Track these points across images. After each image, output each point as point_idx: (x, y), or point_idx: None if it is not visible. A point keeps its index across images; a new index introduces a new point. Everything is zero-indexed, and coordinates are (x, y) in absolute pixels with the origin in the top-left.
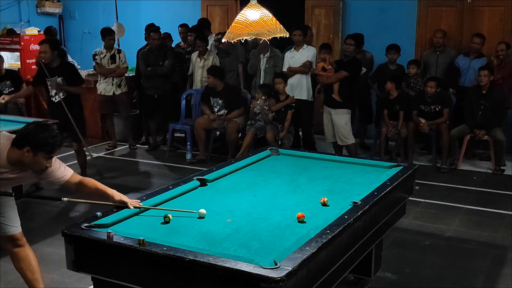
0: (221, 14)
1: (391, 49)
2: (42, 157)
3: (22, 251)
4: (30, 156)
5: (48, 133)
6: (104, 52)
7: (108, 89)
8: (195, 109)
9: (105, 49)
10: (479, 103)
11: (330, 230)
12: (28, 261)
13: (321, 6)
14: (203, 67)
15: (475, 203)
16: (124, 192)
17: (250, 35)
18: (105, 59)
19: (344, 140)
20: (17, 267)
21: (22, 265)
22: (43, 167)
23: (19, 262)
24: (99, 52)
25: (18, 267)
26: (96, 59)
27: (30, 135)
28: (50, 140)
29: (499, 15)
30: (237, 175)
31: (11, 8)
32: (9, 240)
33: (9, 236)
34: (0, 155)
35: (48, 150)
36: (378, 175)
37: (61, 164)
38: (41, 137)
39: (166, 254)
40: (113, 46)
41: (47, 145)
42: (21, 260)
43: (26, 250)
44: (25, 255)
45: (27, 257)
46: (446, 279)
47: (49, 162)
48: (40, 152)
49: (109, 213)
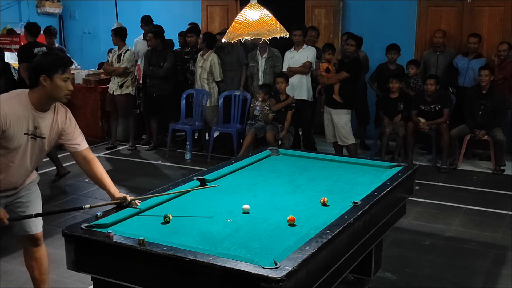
0: (221, 14)
1: (391, 49)
2: (59, 79)
3: (37, 250)
4: (48, 83)
5: (54, 55)
6: (116, 50)
7: (111, 87)
8: (196, 109)
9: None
10: (479, 103)
11: (330, 230)
12: (40, 261)
13: (321, 6)
14: (202, 66)
15: (475, 203)
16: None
17: (250, 35)
18: (114, 57)
19: (344, 140)
20: (28, 265)
21: (33, 263)
22: (65, 90)
23: (32, 260)
24: (113, 50)
25: (28, 264)
26: (109, 56)
27: (40, 64)
28: (59, 60)
29: (499, 15)
30: (237, 175)
31: (11, 8)
32: (29, 239)
33: (31, 235)
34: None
35: (62, 69)
36: (378, 175)
37: (81, 134)
38: (50, 60)
39: (166, 254)
40: (117, 44)
41: (58, 64)
42: (34, 259)
43: (41, 250)
44: (39, 255)
45: (40, 258)
46: (446, 279)
47: (68, 85)
48: (55, 74)
49: (109, 213)
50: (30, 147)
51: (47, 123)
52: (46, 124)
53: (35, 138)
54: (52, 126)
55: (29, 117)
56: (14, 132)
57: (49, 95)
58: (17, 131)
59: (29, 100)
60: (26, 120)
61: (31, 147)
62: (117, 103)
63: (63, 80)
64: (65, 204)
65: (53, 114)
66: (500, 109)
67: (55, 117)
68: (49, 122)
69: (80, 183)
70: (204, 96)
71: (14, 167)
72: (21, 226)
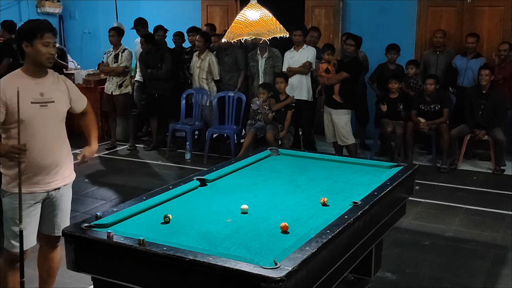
0: (221, 14)
1: (391, 49)
2: (39, 44)
3: (52, 251)
4: (30, 49)
5: (34, 22)
6: (111, 51)
7: (109, 88)
8: (195, 108)
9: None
10: (479, 103)
11: (330, 230)
12: (51, 262)
13: (321, 6)
14: (199, 67)
15: (475, 203)
16: (123, 192)
17: (250, 35)
18: (110, 57)
19: (344, 140)
20: (39, 262)
21: (44, 263)
22: (46, 54)
23: (44, 259)
24: (108, 50)
25: (40, 263)
26: (104, 57)
27: (20, 32)
28: (37, 25)
29: (499, 15)
30: (237, 175)
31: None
32: (48, 239)
33: (52, 236)
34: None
35: (40, 34)
36: (378, 175)
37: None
38: (28, 26)
39: (166, 254)
40: (114, 44)
41: (36, 30)
42: (46, 258)
43: (55, 252)
44: (52, 256)
45: (52, 259)
46: (446, 279)
47: (49, 49)
48: (34, 39)
49: (109, 213)
50: (45, 115)
51: (50, 86)
52: (50, 88)
53: (46, 105)
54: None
55: (30, 85)
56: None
57: (33, 61)
58: (21, 102)
59: (23, 71)
60: (27, 89)
61: (45, 115)
62: (117, 103)
63: (43, 45)
64: None
65: (53, 78)
66: (500, 109)
67: (55, 80)
68: (52, 85)
69: (80, 183)
70: (204, 95)
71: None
72: (48, 226)
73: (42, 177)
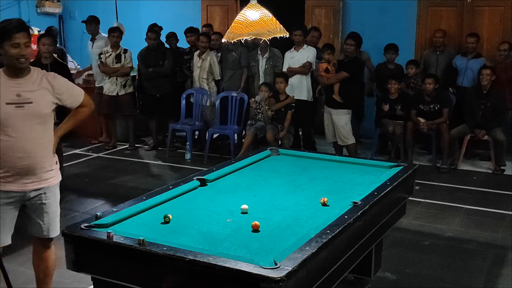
0: (221, 14)
1: (389, 49)
2: (8, 46)
3: (46, 252)
4: (3, 52)
5: (3, 22)
6: (110, 51)
7: (112, 89)
8: (195, 109)
9: (111, 48)
10: (479, 103)
11: (330, 230)
12: (47, 263)
13: (321, 6)
14: (200, 67)
15: (475, 203)
16: (123, 192)
17: (250, 35)
18: (110, 58)
19: (344, 140)
20: (34, 263)
21: (39, 263)
22: (16, 55)
23: (38, 260)
24: (105, 51)
25: (35, 263)
26: (101, 58)
27: None
28: (7, 26)
29: (499, 15)
30: (237, 175)
31: (11, 8)
32: (40, 240)
33: (42, 238)
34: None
35: (9, 36)
36: (378, 175)
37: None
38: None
39: (166, 254)
40: (117, 45)
41: (5, 31)
42: (41, 259)
43: (49, 252)
44: (47, 256)
45: (47, 259)
46: (446, 279)
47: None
48: (3, 42)
49: (109, 213)
50: (21, 116)
51: (30, 87)
52: (31, 88)
53: (22, 106)
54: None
55: (7, 86)
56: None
57: (6, 63)
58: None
59: (3, 72)
60: (3, 90)
61: (21, 116)
62: (122, 103)
63: (12, 46)
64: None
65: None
66: (500, 109)
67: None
68: (33, 85)
69: (80, 183)
70: (204, 95)
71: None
72: (36, 228)
73: (18, 178)
